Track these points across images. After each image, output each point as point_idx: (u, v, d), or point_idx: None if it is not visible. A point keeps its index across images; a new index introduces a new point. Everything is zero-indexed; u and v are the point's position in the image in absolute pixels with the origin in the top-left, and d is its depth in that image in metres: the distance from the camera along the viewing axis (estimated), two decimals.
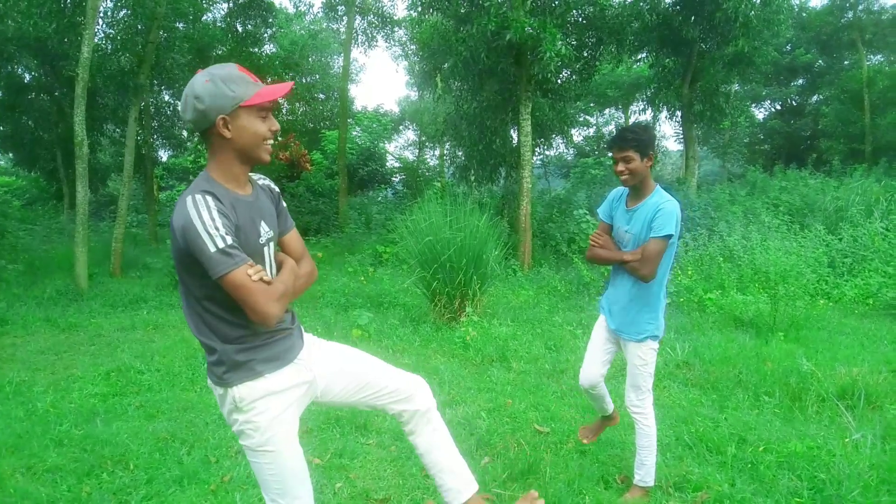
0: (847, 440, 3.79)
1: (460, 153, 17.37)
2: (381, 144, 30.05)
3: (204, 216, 1.74)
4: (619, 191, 3.34)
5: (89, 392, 5.06)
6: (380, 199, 24.53)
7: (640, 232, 3.10)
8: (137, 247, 15.59)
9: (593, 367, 3.40)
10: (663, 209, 3.01)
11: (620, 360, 3.51)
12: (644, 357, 3.18)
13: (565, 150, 32.34)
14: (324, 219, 20.63)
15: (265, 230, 1.99)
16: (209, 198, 1.78)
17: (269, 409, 1.94)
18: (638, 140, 3.03)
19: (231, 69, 1.86)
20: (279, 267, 2.06)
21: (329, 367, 2.19)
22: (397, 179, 28.64)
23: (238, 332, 1.92)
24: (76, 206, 10.60)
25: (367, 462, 3.78)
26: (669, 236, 2.98)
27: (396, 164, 30.52)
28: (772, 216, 11.28)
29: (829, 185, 13.92)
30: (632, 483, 3.32)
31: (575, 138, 32.05)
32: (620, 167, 3.07)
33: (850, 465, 3.43)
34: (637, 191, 3.17)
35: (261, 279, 1.81)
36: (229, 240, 1.76)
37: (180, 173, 28.54)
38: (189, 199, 1.76)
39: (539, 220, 13.90)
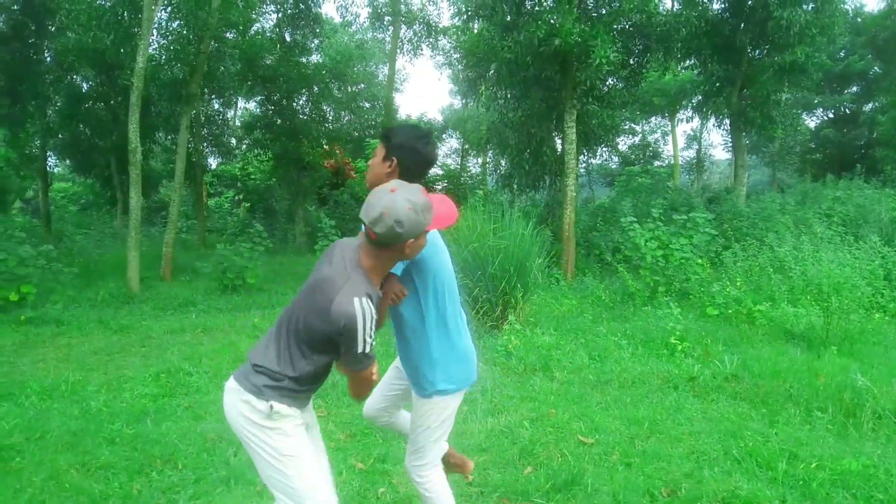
0: None
1: (504, 161, 17.34)
2: None
3: (367, 323, 2.01)
4: None
5: (140, 392, 5.19)
6: None
7: None
8: (187, 251, 16.00)
9: (374, 398, 2.85)
10: None
11: None
12: (426, 416, 2.56)
13: (610, 159, 32.03)
14: None
15: None
16: (371, 305, 2.03)
17: (292, 424, 2.19)
18: (386, 134, 2.47)
19: (424, 197, 2.09)
20: None
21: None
22: (440, 187, 28.72)
23: (305, 372, 2.16)
24: (129, 211, 10.92)
25: None
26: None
27: (439, 172, 30.61)
28: (824, 227, 10.96)
29: (886, 195, 13.48)
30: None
31: (620, 146, 31.73)
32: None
33: None
34: None
35: (376, 377, 2.18)
36: (373, 344, 2.07)
37: (229, 180, 29.10)
38: (357, 303, 2.00)
39: (583, 228, 13.79)
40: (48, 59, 18.04)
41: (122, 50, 15.05)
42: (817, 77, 16.38)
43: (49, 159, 22.59)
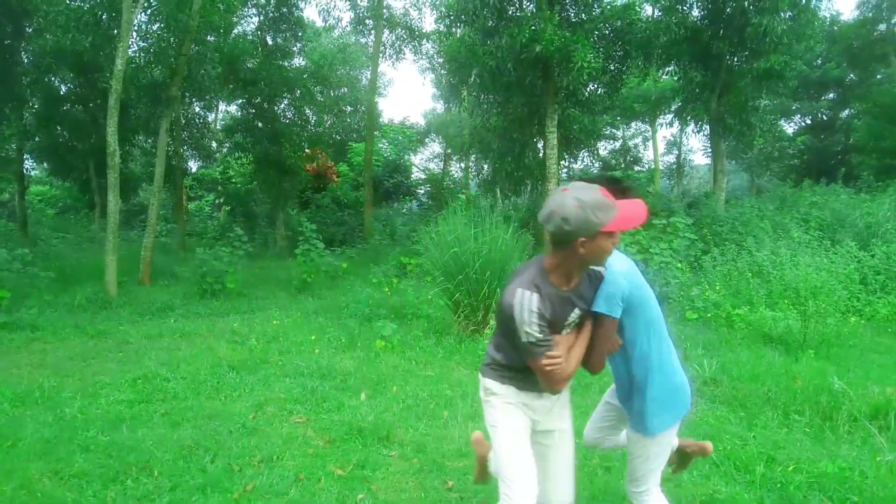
0: (880, 460, 3.69)
1: (486, 166, 17.40)
2: (407, 157, 30.20)
3: (525, 314, 2.13)
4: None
5: (116, 398, 5.11)
6: (404, 210, 24.62)
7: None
8: (166, 256, 15.81)
9: (591, 429, 3.00)
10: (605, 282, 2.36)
11: None
12: (646, 451, 2.57)
13: (591, 164, 32.22)
14: (349, 230, 20.76)
15: (574, 315, 2.31)
16: (535, 296, 2.15)
17: (501, 401, 2.44)
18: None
19: (598, 195, 2.10)
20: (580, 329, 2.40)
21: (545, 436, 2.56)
22: (422, 191, 28.75)
23: (510, 362, 2.41)
24: (107, 215, 10.79)
25: (389, 474, 3.77)
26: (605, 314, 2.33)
27: (421, 176, 30.64)
28: (802, 231, 11.10)
29: (861, 201, 13.67)
30: None
31: (601, 152, 31.94)
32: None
33: (883, 487, 3.35)
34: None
35: (552, 368, 2.21)
36: (538, 336, 2.15)
37: (209, 184, 28.87)
38: (519, 292, 2.16)
39: None
40: (25, 60, 17.79)
41: (100, 52, 14.88)
42: (794, 84, 16.59)
43: (26, 162, 22.27)
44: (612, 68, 13.81)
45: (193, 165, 26.30)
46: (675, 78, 17.91)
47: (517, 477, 2.33)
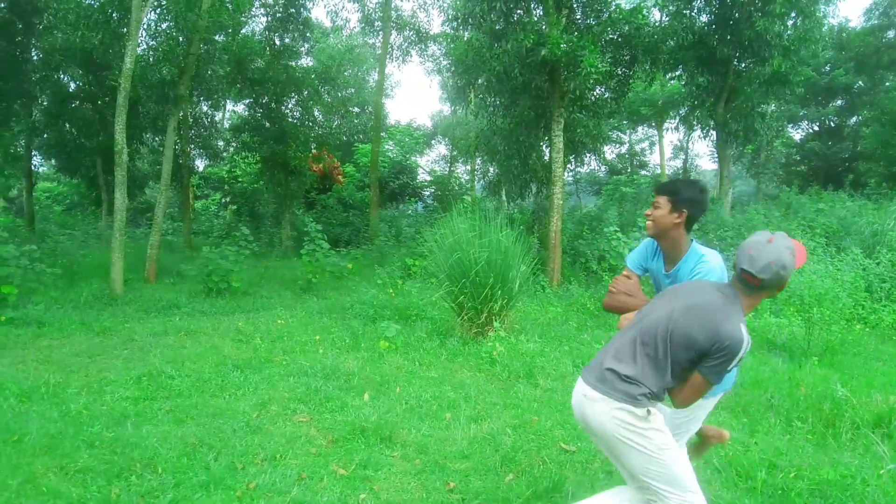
0: (882, 471, 3.69)
1: (492, 168, 17.41)
2: (413, 158, 30.26)
3: (746, 349, 2.30)
4: (654, 244, 3.03)
5: (121, 395, 5.14)
6: (410, 212, 24.64)
7: None
8: (172, 254, 15.88)
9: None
10: (701, 271, 2.76)
11: None
12: (693, 414, 2.91)
13: (597, 168, 32.23)
14: (354, 231, 20.80)
15: None
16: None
17: (661, 419, 2.46)
18: (673, 189, 2.82)
19: (791, 242, 2.38)
20: None
21: None
22: (428, 193, 28.80)
23: (668, 384, 2.45)
24: (114, 212, 10.84)
25: (392, 474, 3.78)
26: None
27: (427, 178, 30.69)
28: (807, 238, 11.07)
29: (867, 208, 13.63)
30: None
31: (607, 156, 31.94)
32: (648, 210, 2.89)
33: (885, 496, 3.35)
34: (668, 252, 2.92)
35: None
36: None
37: (216, 183, 28.96)
38: (745, 331, 2.29)
39: (569, 236, 13.83)
40: (35, 57, 17.89)
41: (110, 50, 14.95)
42: (800, 90, 16.55)
43: (34, 159, 22.37)
44: (620, 73, 13.80)
45: (200, 164, 26.42)
46: (682, 83, 17.90)
47: (698, 489, 2.48)
